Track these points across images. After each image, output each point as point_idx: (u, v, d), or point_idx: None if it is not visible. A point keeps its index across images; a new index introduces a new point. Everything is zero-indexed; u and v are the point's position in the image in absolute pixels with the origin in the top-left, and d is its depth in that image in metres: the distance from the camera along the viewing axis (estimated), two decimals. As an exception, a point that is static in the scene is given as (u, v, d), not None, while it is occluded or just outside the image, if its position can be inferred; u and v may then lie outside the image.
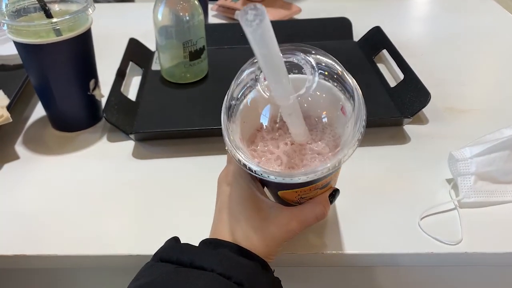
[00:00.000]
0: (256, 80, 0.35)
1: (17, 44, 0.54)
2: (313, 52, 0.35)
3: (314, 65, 0.34)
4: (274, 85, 0.32)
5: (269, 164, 0.36)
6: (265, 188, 0.44)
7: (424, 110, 0.61)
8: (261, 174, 0.34)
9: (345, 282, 0.51)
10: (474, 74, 0.74)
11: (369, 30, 0.80)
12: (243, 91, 0.36)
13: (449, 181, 0.52)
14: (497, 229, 0.46)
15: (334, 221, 0.47)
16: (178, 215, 0.49)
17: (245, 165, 0.34)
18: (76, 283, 0.53)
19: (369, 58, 0.76)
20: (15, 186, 0.54)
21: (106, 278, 0.53)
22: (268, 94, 0.34)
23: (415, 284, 0.50)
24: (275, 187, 0.40)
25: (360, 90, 0.36)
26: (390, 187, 0.52)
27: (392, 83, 0.68)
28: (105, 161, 0.57)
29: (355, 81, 0.36)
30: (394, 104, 0.63)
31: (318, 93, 0.35)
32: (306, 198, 0.39)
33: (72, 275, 0.51)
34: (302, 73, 0.34)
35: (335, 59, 0.36)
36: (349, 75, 0.36)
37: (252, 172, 0.34)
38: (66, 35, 0.54)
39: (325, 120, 0.38)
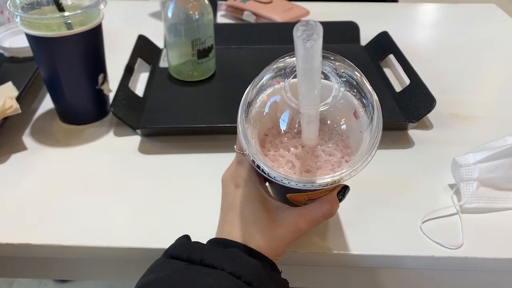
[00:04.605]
0: (279, 85, 0.35)
1: (29, 37, 0.55)
2: (332, 58, 0.35)
3: (340, 74, 0.35)
4: (306, 95, 0.32)
5: (282, 168, 0.36)
6: (270, 189, 0.45)
7: (429, 115, 0.61)
8: (281, 181, 0.34)
9: (347, 282, 0.51)
10: (480, 81, 0.75)
11: (377, 35, 0.80)
12: (262, 95, 0.36)
13: (451, 186, 0.52)
14: (498, 235, 0.47)
15: (337, 222, 0.48)
16: (182, 210, 0.50)
17: (265, 172, 0.34)
18: (80, 273, 0.54)
19: (376, 62, 0.76)
20: (22, 176, 0.54)
21: (109, 270, 0.53)
22: (295, 103, 0.34)
23: (415, 286, 0.50)
24: (284, 190, 0.40)
25: (378, 100, 0.36)
26: (393, 190, 0.52)
27: (398, 88, 0.69)
28: (111, 155, 0.58)
29: (374, 93, 0.36)
30: (399, 108, 0.64)
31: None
32: (315, 200, 0.39)
33: (76, 266, 0.52)
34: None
35: (354, 66, 0.36)
36: (367, 82, 0.36)
37: (272, 178, 0.34)
38: (77, 29, 0.54)
39: (343, 126, 0.38)
